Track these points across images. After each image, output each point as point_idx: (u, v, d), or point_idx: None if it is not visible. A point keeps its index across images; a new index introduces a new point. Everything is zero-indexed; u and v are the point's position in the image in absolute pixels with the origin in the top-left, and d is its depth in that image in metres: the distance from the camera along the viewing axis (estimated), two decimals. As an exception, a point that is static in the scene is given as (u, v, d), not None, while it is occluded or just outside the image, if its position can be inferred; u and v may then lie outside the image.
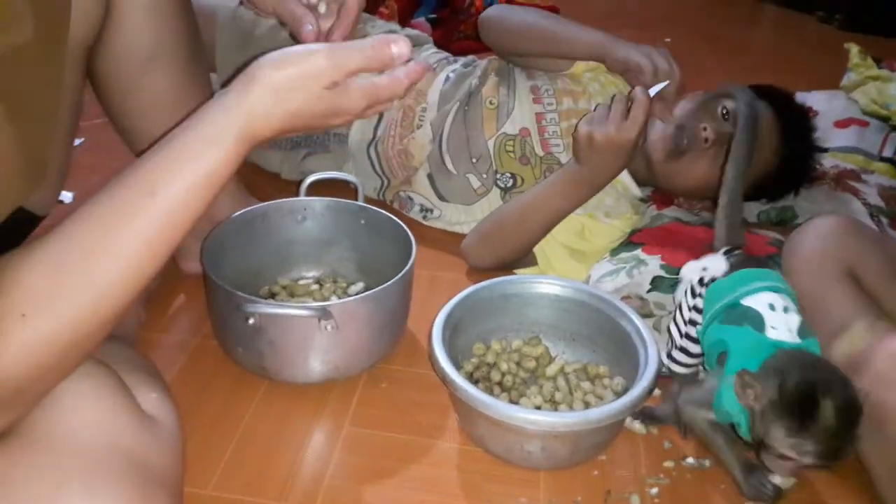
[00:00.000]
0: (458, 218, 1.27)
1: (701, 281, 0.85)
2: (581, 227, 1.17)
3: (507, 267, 1.14)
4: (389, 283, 0.89)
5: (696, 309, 0.85)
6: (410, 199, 1.29)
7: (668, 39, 2.10)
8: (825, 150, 1.33)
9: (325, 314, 0.83)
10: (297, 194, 1.05)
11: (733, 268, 0.84)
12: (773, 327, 0.76)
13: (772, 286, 0.80)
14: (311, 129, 0.62)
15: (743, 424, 0.75)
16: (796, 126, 1.19)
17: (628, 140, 0.99)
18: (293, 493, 0.80)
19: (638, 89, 1.00)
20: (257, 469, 0.82)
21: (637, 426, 0.89)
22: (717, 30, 2.44)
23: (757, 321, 0.77)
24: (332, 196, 1.06)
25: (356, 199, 1.05)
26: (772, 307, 0.78)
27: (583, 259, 1.16)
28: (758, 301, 0.78)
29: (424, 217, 1.28)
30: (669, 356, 0.88)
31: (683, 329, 0.87)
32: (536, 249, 1.15)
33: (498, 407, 0.78)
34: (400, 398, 0.93)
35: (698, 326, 0.84)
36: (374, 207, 1.04)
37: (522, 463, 0.83)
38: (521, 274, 1.12)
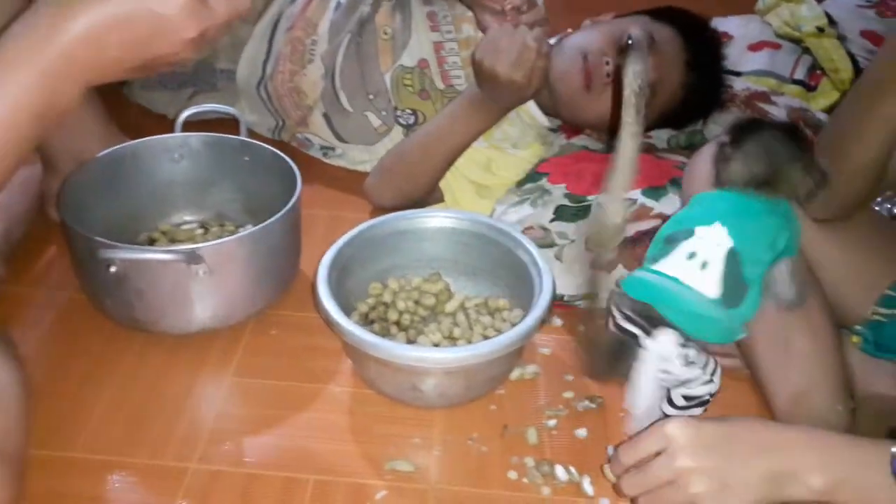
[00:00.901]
0: (361, 157, 1.20)
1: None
2: (487, 161, 1.12)
3: (412, 205, 1.08)
4: (268, 222, 0.82)
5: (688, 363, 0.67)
6: (308, 140, 1.21)
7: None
8: (738, 74, 1.29)
9: (193, 258, 0.77)
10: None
11: None
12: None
13: None
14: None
15: None
16: (703, 58, 1.13)
17: (514, 82, 0.95)
18: (169, 450, 0.74)
19: (530, 36, 0.95)
20: (131, 427, 0.77)
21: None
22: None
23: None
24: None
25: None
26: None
27: (489, 195, 1.11)
28: None
29: (325, 154, 1.21)
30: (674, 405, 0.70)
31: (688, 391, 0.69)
32: (443, 185, 1.10)
33: (384, 347, 0.74)
34: (291, 345, 0.88)
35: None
36: (257, 142, 0.96)
37: (416, 402, 0.79)
38: (423, 211, 1.07)
